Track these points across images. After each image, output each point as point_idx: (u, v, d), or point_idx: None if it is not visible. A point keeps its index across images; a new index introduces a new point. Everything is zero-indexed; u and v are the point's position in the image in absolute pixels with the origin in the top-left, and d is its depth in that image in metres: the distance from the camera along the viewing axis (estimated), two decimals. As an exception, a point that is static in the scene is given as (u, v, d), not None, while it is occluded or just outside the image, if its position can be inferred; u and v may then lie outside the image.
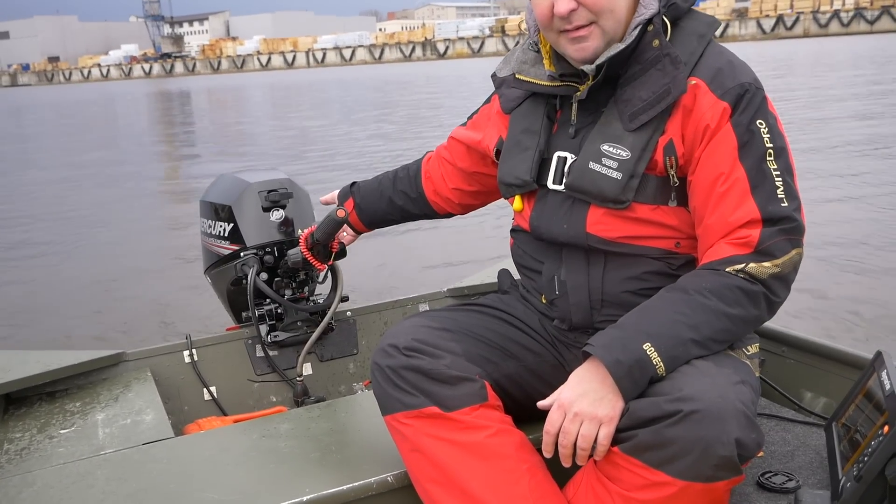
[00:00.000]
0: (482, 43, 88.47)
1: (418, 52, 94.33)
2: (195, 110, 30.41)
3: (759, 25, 75.15)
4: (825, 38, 64.57)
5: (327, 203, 2.20)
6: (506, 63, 1.72)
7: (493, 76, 1.75)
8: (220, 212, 2.39)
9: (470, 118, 1.92)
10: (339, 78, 53.29)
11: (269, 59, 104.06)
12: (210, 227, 2.43)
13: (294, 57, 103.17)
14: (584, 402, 1.33)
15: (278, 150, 13.94)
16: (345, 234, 2.16)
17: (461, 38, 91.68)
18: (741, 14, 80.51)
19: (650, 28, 1.46)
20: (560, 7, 1.44)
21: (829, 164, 8.84)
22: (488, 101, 1.85)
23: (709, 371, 1.31)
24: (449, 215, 2.08)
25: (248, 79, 69.49)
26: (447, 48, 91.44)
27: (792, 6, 76.21)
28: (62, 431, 1.93)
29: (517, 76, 1.65)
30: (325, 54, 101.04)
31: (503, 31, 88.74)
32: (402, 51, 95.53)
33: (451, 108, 20.76)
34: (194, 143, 17.16)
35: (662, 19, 1.47)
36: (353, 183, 2.14)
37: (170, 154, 15.77)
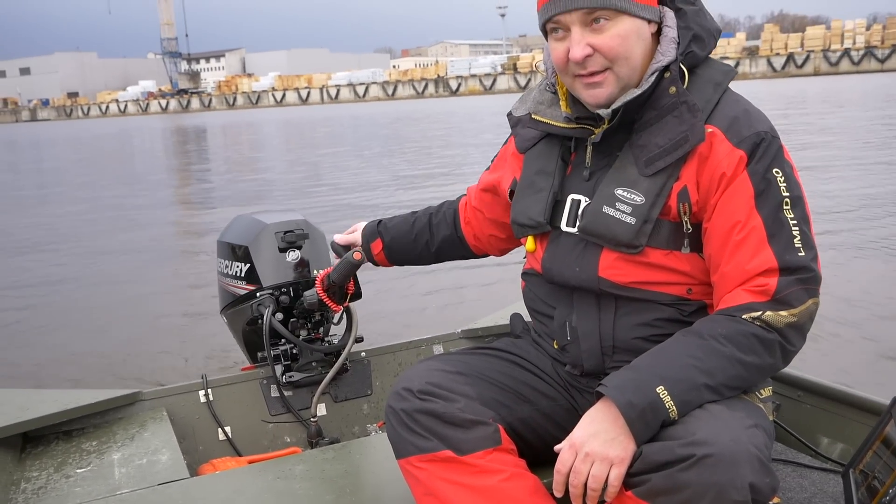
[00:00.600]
0: (494, 80, 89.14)
1: (431, 88, 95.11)
2: (210, 145, 30.75)
3: (770, 64, 75.44)
4: (836, 77, 64.75)
5: (344, 243, 2.17)
6: (522, 102, 1.73)
7: (509, 115, 1.75)
8: (237, 252, 2.42)
9: (493, 161, 1.92)
10: (353, 114, 53.82)
11: (284, 96, 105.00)
12: (227, 266, 2.46)
13: (308, 93, 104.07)
14: (595, 443, 1.33)
15: (292, 187, 14.05)
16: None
17: (473, 76, 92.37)
18: (752, 52, 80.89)
19: (667, 75, 1.48)
20: (575, 53, 1.45)
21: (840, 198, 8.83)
22: (506, 141, 1.86)
23: (721, 415, 1.31)
24: (486, 255, 2.08)
25: (262, 114, 70.23)
26: (459, 85, 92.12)
27: (802, 45, 76.61)
28: (79, 471, 1.93)
29: (533, 116, 1.66)
30: (338, 91, 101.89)
31: (515, 68, 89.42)
32: (414, 87, 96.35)
33: (463, 145, 20.92)
34: (209, 178, 17.33)
35: (680, 67, 1.49)
36: (379, 221, 2.12)
37: (184, 188, 15.92)
